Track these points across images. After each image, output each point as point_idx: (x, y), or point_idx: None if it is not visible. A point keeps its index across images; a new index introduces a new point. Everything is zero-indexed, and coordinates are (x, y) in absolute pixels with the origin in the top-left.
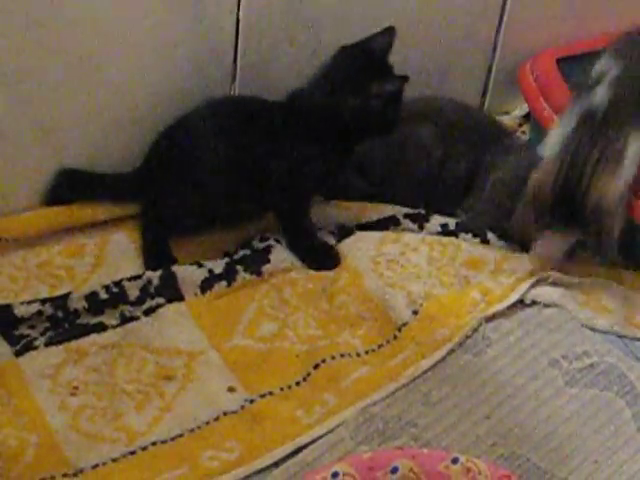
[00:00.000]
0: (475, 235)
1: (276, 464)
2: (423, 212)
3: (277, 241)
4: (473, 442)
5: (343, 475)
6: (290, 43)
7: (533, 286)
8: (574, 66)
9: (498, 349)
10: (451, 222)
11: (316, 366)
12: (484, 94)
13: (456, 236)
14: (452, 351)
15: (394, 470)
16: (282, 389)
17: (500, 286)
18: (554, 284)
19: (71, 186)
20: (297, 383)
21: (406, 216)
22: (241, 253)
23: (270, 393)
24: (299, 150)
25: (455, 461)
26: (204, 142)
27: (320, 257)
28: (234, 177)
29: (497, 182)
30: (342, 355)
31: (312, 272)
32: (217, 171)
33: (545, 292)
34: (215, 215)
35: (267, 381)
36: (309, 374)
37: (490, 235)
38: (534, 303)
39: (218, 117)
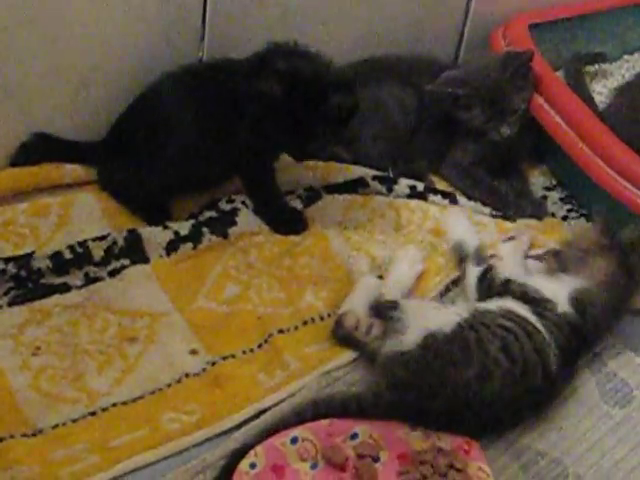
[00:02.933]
0: (444, 196)
1: (237, 427)
2: (391, 175)
3: (244, 204)
4: None
5: (302, 440)
6: (259, 3)
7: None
8: (546, 32)
9: None
10: (419, 185)
11: (280, 331)
12: (456, 59)
13: (425, 198)
14: None
15: (354, 436)
16: (244, 352)
17: None
18: None
19: (39, 149)
20: (259, 346)
21: (374, 178)
22: (207, 215)
23: (232, 356)
24: (260, 112)
25: (415, 428)
26: (172, 108)
27: (287, 222)
28: (201, 141)
29: None
30: (305, 322)
31: (279, 236)
32: (185, 136)
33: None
34: (183, 181)
35: (229, 344)
36: (271, 335)
37: (460, 197)
38: None
39: (186, 82)
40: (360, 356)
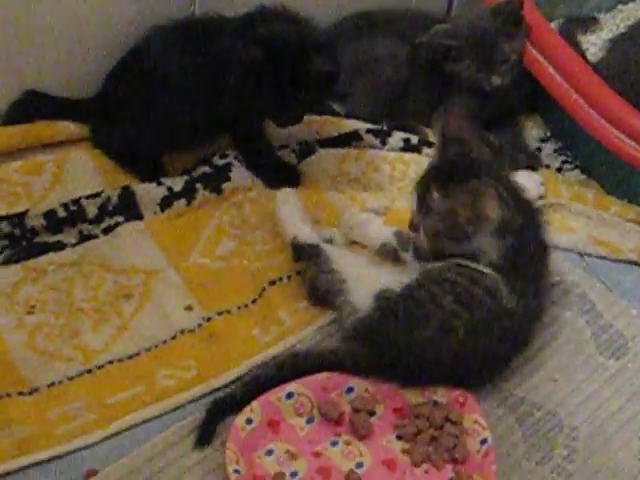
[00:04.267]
0: None
1: (233, 382)
2: (385, 128)
3: (237, 159)
4: None
5: (298, 395)
6: None
7: None
8: None
9: None
10: (413, 137)
11: (272, 282)
12: (449, 10)
13: (419, 151)
14: None
15: (349, 390)
16: (239, 307)
17: None
18: None
19: (31, 107)
20: (253, 301)
21: (368, 131)
22: (201, 170)
23: (227, 311)
24: (241, 76)
25: None
26: (161, 62)
27: (281, 176)
28: (189, 96)
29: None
30: (298, 272)
31: (273, 191)
32: (173, 90)
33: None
34: (175, 136)
35: (224, 299)
36: (264, 289)
37: None
38: None
39: (175, 37)
40: None
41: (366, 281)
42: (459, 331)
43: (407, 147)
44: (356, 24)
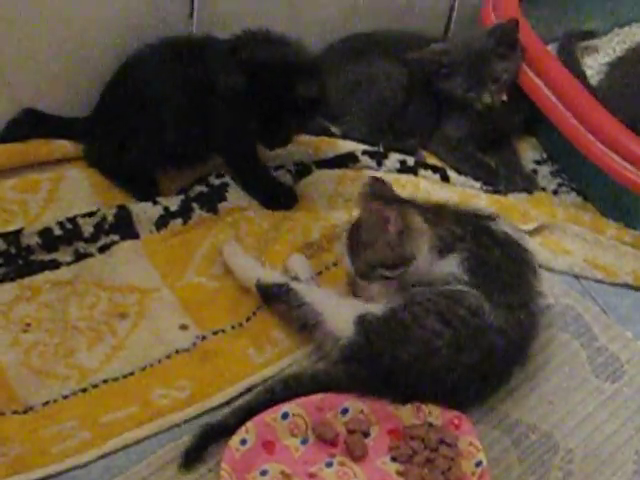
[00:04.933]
0: (435, 171)
1: (227, 403)
2: (381, 150)
3: (233, 179)
4: None
5: (292, 416)
6: None
7: None
8: (537, 6)
9: None
10: (409, 159)
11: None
12: (446, 32)
13: (415, 173)
14: None
15: (344, 411)
16: (233, 327)
17: None
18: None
19: (28, 125)
20: (247, 319)
21: (364, 153)
22: (197, 190)
23: (222, 331)
24: (226, 101)
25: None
26: (151, 79)
27: (277, 197)
28: (180, 115)
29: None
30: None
31: (269, 211)
32: (164, 109)
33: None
34: (167, 155)
35: (219, 319)
36: (259, 307)
37: (451, 172)
38: None
39: (166, 55)
40: None
41: (341, 310)
42: (442, 350)
43: (403, 169)
44: (353, 45)
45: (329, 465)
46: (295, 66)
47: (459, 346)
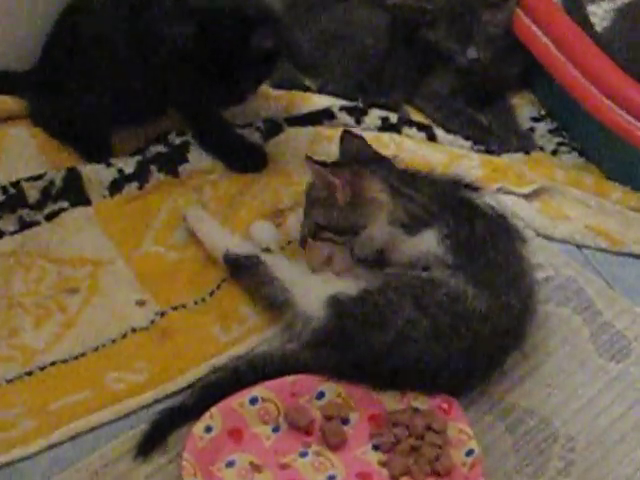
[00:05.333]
0: (420, 129)
1: (190, 387)
2: (361, 105)
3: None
4: None
5: (262, 401)
6: None
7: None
8: None
9: None
10: (392, 116)
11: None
12: None
13: (398, 131)
14: None
15: (320, 395)
16: (196, 302)
17: None
18: (507, 192)
19: None
20: (211, 293)
21: (342, 109)
22: (155, 150)
23: (183, 306)
24: (175, 52)
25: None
26: (103, 26)
27: (244, 158)
28: (131, 67)
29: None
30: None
31: (235, 173)
32: (113, 60)
33: (495, 200)
34: (120, 110)
35: (180, 293)
36: (224, 280)
37: (438, 130)
38: None
39: (113, 2)
40: None
41: (312, 288)
42: (419, 339)
43: (385, 126)
44: None
45: (303, 455)
46: (248, 15)
47: (438, 335)
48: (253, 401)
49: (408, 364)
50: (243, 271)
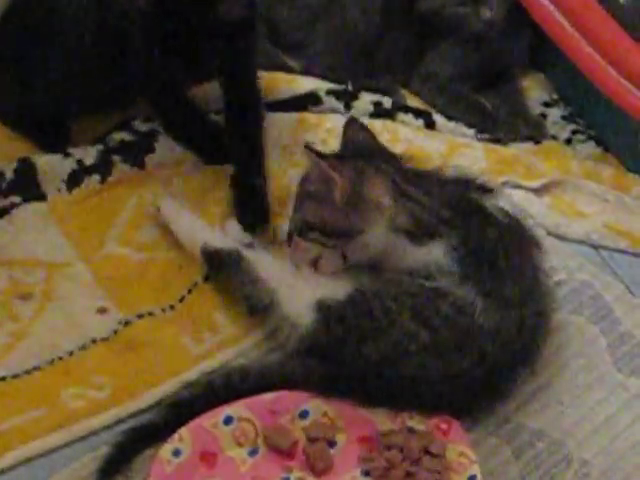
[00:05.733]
0: (417, 115)
1: (157, 404)
2: (350, 88)
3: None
4: None
5: (238, 420)
6: None
7: None
8: None
9: None
10: (386, 101)
11: (206, 278)
12: None
13: (392, 118)
14: None
15: (303, 414)
16: (163, 309)
17: None
18: (514, 187)
19: None
20: (181, 299)
21: (329, 92)
22: (118, 138)
23: (149, 314)
24: (138, 18)
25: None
26: (64, 4)
27: (217, 148)
28: (89, 46)
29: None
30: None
31: (209, 166)
32: (71, 40)
33: (503, 194)
34: (80, 95)
35: (146, 299)
36: (196, 284)
37: (437, 117)
38: None
39: None
40: None
41: (300, 289)
42: (417, 354)
43: (378, 112)
44: None
45: None
46: None
47: (439, 349)
48: (228, 421)
49: (404, 380)
50: (223, 268)
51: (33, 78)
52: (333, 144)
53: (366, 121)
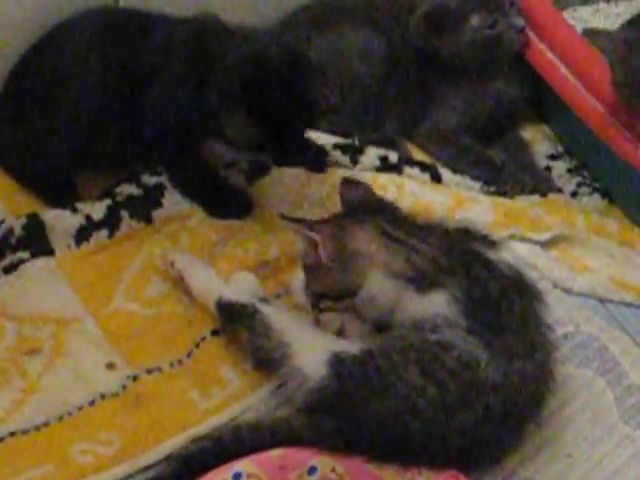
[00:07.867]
0: (423, 169)
1: (165, 459)
2: (357, 142)
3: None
4: None
5: (247, 476)
6: None
7: None
8: None
9: None
10: (392, 155)
11: (214, 332)
12: None
13: (399, 171)
14: None
15: (312, 470)
16: (172, 364)
17: None
18: (521, 240)
19: None
20: (188, 354)
21: (336, 147)
22: (125, 192)
23: (158, 369)
24: (173, 76)
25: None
26: (76, 60)
27: (226, 203)
28: (108, 101)
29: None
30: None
31: (216, 220)
32: (86, 92)
33: (509, 247)
34: (90, 152)
35: (154, 354)
36: (203, 339)
37: (443, 170)
38: None
39: (93, 31)
40: None
41: (314, 344)
42: (425, 409)
43: (384, 166)
44: (318, 13)
45: None
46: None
47: (446, 404)
48: (237, 477)
49: (412, 435)
50: (237, 320)
51: (44, 132)
52: (338, 201)
53: (372, 175)
